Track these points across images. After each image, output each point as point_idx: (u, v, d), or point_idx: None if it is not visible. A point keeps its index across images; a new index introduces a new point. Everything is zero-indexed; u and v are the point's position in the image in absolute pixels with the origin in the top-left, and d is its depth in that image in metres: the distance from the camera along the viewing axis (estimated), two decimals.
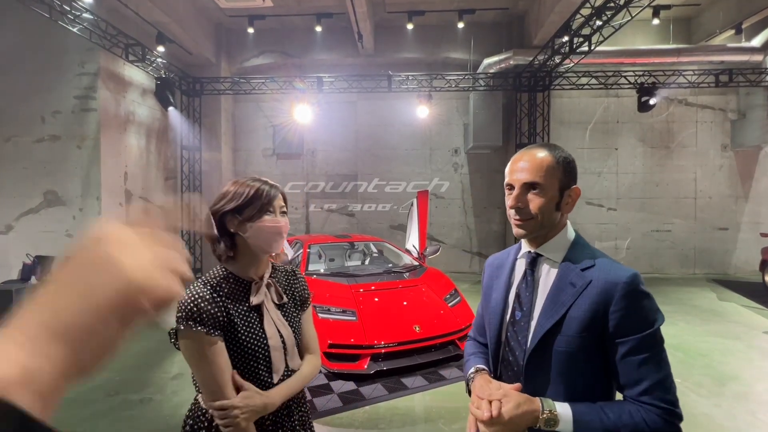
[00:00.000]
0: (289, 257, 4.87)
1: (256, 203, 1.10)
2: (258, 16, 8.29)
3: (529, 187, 0.96)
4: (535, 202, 0.95)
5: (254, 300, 1.11)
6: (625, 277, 0.89)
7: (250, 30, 8.42)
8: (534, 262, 1.01)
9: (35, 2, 5.22)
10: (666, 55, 8.06)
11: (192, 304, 1.02)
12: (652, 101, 7.79)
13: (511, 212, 0.99)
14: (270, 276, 1.19)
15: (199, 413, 1.11)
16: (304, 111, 7.86)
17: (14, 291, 5.32)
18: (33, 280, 5.86)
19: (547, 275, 0.98)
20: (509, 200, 0.98)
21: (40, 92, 6.55)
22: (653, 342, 0.88)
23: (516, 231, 0.99)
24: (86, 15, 5.75)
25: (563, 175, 0.96)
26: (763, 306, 6.10)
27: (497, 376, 1.04)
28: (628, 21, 5.81)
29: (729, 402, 3.22)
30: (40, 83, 6.54)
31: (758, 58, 7.95)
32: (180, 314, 1.02)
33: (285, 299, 1.20)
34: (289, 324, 1.18)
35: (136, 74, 7.46)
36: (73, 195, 6.56)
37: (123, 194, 7.11)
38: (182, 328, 1.01)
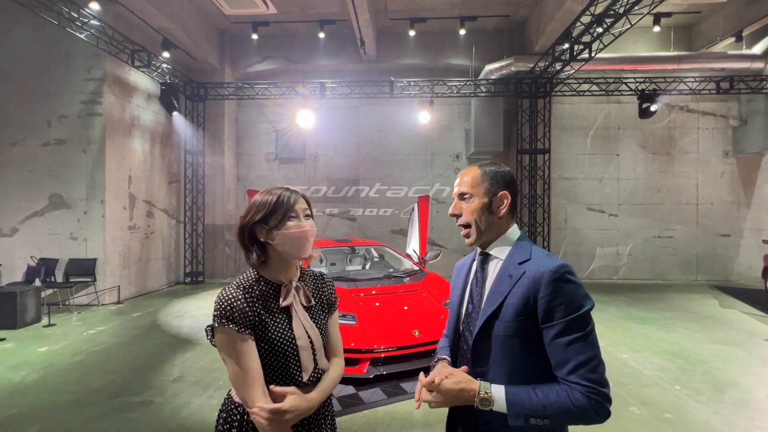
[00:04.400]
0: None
1: (279, 211, 1.15)
2: (262, 22, 8.39)
3: (462, 196, 1.14)
4: (466, 209, 1.12)
5: (283, 302, 1.17)
6: (551, 267, 0.98)
7: (254, 36, 8.52)
8: (484, 261, 1.14)
9: (44, 9, 5.32)
10: (667, 62, 8.10)
11: (225, 304, 1.10)
12: (653, 108, 7.83)
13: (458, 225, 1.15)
14: (299, 280, 1.24)
15: (232, 407, 1.17)
16: (307, 116, 7.93)
17: (18, 293, 5.36)
18: (37, 282, 5.92)
19: (494, 271, 1.10)
20: (449, 210, 1.17)
21: (47, 97, 6.65)
22: (579, 325, 0.94)
23: (467, 242, 1.14)
24: (93, 22, 5.85)
25: (489, 184, 1.11)
26: (765, 313, 6.07)
27: (456, 364, 1.14)
28: (629, 28, 5.86)
29: (728, 409, 3.21)
30: (47, 88, 6.64)
31: (759, 65, 7.98)
32: (215, 313, 1.10)
33: (313, 302, 1.25)
34: (316, 326, 1.22)
35: (141, 79, 7.56)
36: (77, 198, 6.64)
37: (127, 197, 7.18)
38: (216, 325, 1.10)
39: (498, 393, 0.95)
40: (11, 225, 6.68)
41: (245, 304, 1.11)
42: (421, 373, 1.05)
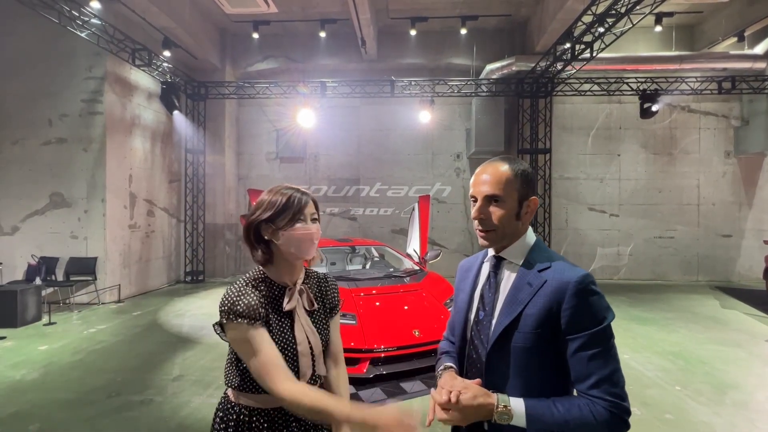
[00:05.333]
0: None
1: (288, 212, 1.14)
2: (262, 21, 8.39)
3: (490, 199, 1.03)
4: (496, 213, 1.02)
5: (287, 306, 1.15)
6: (576, 277, 0.94)
7: (255, 35, 8.52)
8: (497, 265, 1.08)
9: (45, 8, 5.32)
10: (668, 62, 8.08)
11: (235, 299, 1.09)
12: (654, 108, 7.81)
13: (475, 222, 1.06)
14: (303, 282, 1.23)
15: (228, 406, 1.17)
16: (307, 115, 7.92)
17: (18, 291, 5.37)
18: (37, 280, 5.92)
19: (509, 277, 1.04)
20: (473, 212, 1.06)
21: (48, 96, 6.65)
22: (602, 338, 0.92)
23: (480, 242, 1.07)
24: (94, 20, 5.85)
25: (521, 187, 1.02)
26: (766, 314, 6.06)
27: (463, 372, 1.10)
28: (630, 28, 5.85)
29: (729, 410, 3.20)
30: (49, 87, 6.64)
31: (761, 65, 7.95)
32: (224, 308, 1.08)
33: (316, 306, 1.23)
34: (317, 331, 1.21)
35: (142, 78, 7.56)
36: (78, 197, 6.64)
37: (128, 196, 7.18)
38: (225, 321, 1.09)
39: (517, 406, 0.91)
40: (12, 223, 6.69)
41: (255, 300, 1.10)
42: (433, 390, 0.99)
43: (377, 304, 4.15)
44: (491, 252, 1.10)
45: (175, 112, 8.11)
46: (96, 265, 6.55)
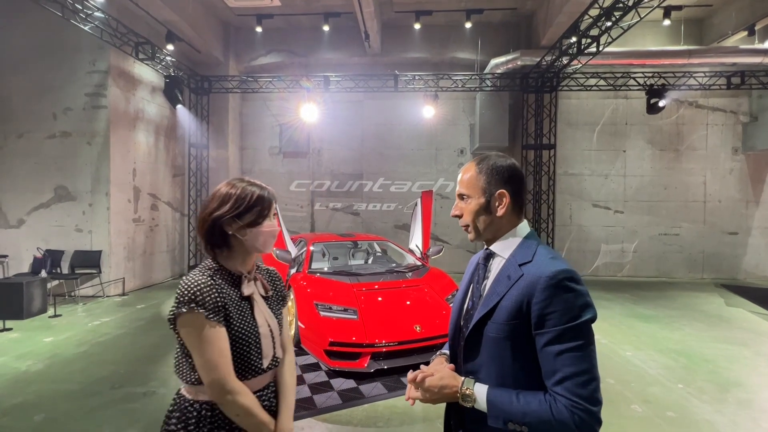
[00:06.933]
0: (293, 255, 4.91)
1: (256, 209, 1.17)
2: (266, 15, 8.34)
3: (461, 197, 1.12)
4: (465, 209, 1.10)
5: (245, 291, 1.18)
6: (549, 272, 0.93)
7: (258, 29, 8.48)
8: (488, 258, 1.11)
9: (48, 1, 5.31)
10: (676, 57, 7.94)
11: (194, 288, 1.08)
12: (661, 103, 7.71)
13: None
14: (255, 271, 1.27)
15: (186, 404, 1.15)
16: (311, 110, 7.89)
17: (24, 284, 5.42)
18: (43, 273, 5.98)
19: (496, 270, 1.07)
20: (452, 210, 1.16)
21: (52, 90, 6.67)
22: (574, 335, 0.89)
23: (468, 237, 1.14)
24: (98, 14, 5.84)
25: (486, 183, 1.06)
26: None
27: (456, 360, 1.12)
28: (637, 22, 5.76)
29: (732, 409, 3.18)
30: (53, 81, 6.66)
31: None
32: (181, 298, 1.07)
33: (270, 293, 1.28)
34: (274, 315, 1.27)
35: (145, 72, 7.56)
36: (83, 190, 6.68)
37: (132, 190, 7.22)
38: (184, 311, 1.06)
39: (480, 392, 0.95)
40: (18, 216, 6.74)
41: (213, 290, 1.10)
42: (410, 371, 1.05)
43: (379, 299, 4.15)
44: (485, 246, 1.15)
45: (179, 106, 8.10)
46: (100, 258, 6.60)
